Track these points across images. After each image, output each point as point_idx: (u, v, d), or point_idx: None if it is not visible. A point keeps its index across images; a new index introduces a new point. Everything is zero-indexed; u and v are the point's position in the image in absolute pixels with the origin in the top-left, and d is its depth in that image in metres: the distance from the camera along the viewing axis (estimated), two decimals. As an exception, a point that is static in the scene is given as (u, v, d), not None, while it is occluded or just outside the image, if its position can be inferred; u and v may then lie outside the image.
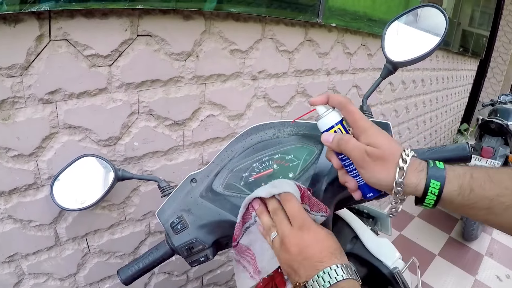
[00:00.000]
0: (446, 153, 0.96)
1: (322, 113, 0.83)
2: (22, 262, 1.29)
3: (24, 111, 1.10)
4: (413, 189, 0.74)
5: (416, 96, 3.89)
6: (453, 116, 6.35)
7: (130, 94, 1.33)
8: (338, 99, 0.81)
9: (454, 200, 0.71)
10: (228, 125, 1.74)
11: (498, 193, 0.68)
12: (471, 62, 6.18)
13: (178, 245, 1.01)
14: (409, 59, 1.08)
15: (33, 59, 1.06)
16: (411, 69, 3.52)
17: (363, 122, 0.78)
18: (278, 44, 1.79)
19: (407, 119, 3.87)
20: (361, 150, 0.76)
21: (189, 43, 1.42)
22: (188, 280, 2.00)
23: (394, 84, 3.23)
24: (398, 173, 0.73)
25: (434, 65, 4.15)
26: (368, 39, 2.50)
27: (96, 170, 1.20)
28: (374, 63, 2.68)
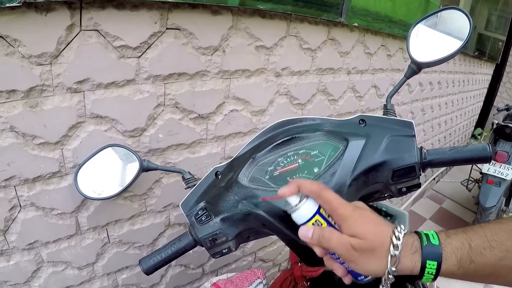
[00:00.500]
0: (467, 153, 0.96)
1: (295, 205, 0.75)
2: (41, 249, 1.30)
3: (52, 99, 1.11)
4: (408, 272, 0.69)
5: (432, 98, 3.88)
6: (468, 120, 6.31)
7: (157, 86, 1.33)
8: (309, 187, 0.75)
9: (455, 274, 0.68)
10: (250, 120, 1.75)
11: (500, 258, 0.66)
12: (487, 66, 6.15)
13: (202, 236, 1.01)
14: (433, 60, 1.08)
15: (63, 48, 1.07)
16: (429, 71, 3.50)
17: (342, 209, 0.72)
18: (302, 42, 1.79)
19: (422, 121, 3.85)
20: (346, 245, 0.70)
21: (217, 38, 1.42)
22: (203, 274, 2.01)
23: (411, 85, 3.22)
24: (391, 261, 0.68)
25: (451, 67, 4.14)
26: (388, 40, 2.49)
27: (121, 160, 1.21)
28: (393, 64, 2.68)
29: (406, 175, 0.96)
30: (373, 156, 0.97)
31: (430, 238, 0.70)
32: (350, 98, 2.36)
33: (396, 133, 1.00)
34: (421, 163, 0.96)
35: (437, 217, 4.65)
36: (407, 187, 0.99)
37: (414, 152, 0.96)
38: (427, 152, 0.98)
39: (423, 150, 0.98)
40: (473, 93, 5.81)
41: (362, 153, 0.97)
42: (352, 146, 0.98)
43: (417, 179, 0.97)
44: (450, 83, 4.31)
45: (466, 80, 5.03)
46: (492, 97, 7.26)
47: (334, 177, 0.95)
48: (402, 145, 0.98)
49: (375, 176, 0.97)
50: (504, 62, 6.96)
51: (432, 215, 4.68)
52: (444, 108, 4.47)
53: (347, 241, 0.70)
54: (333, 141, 1.04)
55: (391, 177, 0.96)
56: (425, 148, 0.98)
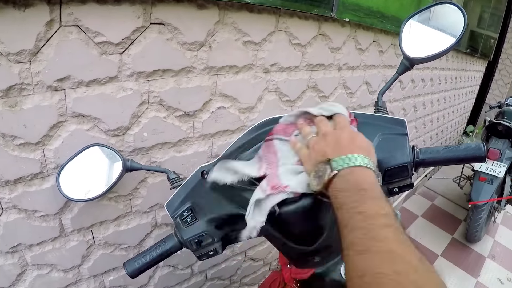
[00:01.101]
0: (461, 152, 0.93)
1: None
2: (25, 252, 1.28)
3: (32, 98, 1.08)
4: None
5: (424, 95, 3.89)
6: (460, 117, 6.34)
7: (141, 83, 1.31)
8: None
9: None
10: (238, 117, 1.72)
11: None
12: (479, 63, 6.19)
13: (187, 238, 0.99)
14: (426, 56, 1.06)
15: (42, 45, 1.04)
16: (421, 68, 3.51)
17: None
18: (291, 37, 1.77)
19: (414, 118, 3.86)
20: None
21: (202, 33, 1.39)
22: (192, 274, 2.00)
23: (403, 82, 3.22)
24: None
25: (444, 64, 4.15)
26: (380, 36, 2.48)
27: (104, 160, 1.18)
28: (385, 60, 2.66)
29: (398, 175, 0.93)
30: None
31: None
32: (341, 95, 2.34)
33: (388, 131, 0.98)
34: (413, 162, 0.93)
35: (429, 214, 4.68)
36: (399, 187, 0.96)
37: (406, 151, 0.93)
38: (419, 151, 0.95)
39: (416, 149, 0.95)
40: (465, 90, 5.84)
41: None
42: None
43: (409, 179, 0.94)
44: (443, 80, 4.32)
45: (459, 77, 5.05)
46: (484, 94, 7.31)
47: None
48: (394, 144, 0.95)
49: None
50: (496, 59, 7.02)
51: (423, 212, 4.70)
52: (436, 105, 4.49)
53: None
54: None
55: (382, 177, 0.94)
56: (418, 146, 0.95)
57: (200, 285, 2.11)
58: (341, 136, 0.84)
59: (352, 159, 0.77)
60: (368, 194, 0.72)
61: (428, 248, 3.95)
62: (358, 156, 0.78)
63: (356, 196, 0.72)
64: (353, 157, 0.78)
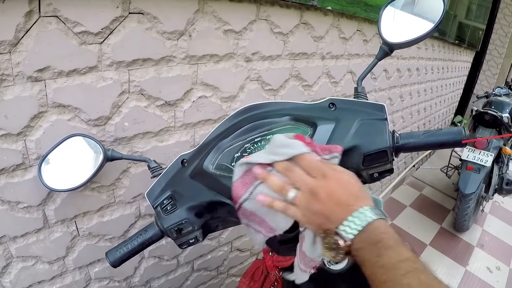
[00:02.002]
0: (441, 136, 0.94)
1: None
2: (10, 244, 1.27)
3: (12, 89, 1.08)
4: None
5: (411, 85, 3.89)
6: (447, 107, 6.36)
7: (121, 73, 1.30)
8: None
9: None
10: (220, 107, 1.72)
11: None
12: (467, 54, 6.20)
13: (167, 226, 0.99)
14: (405, 41, 1.06)
15: (22, 36, 1.04)
16: (407, 57, 3.51)
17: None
18: (273, 26, 1.77)
19: (401, 108, 3.87)
20: None
21: (182, 22, 1.39)
22: (178, 265, 2.00)
23: (389, 71, 3.22)
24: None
25: (430, 54, 4.15)
26: (364, 25, 2.47)
27: (85, 150, 1.18)
28: (370, 49, 2.66)
29: (378, 160, 0.93)
30: (342, 141, 0.94)
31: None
32: (325, 84, 2.34)
33: (367, 116, 0.98)
34: (393, 147, 0.93)
35: (417, 204, 4.71)
36: (379, 173, 0.96)
37: (385, 136, 0.93)
38: (399, 136, 0.96)
39: (396, 134, 0.95)
40: (452, 80, 5.86)
41: (331, 138, 0.95)
42: (320, 130, 0.96)
43: (390, 164, 0.95)
44: (429, 69, 4.33)
45: (446, 67, 5.07)
46: (472, 84, 7.34)
47: None
48: (373, 128, 0.95)
49: (345, 161, 0.93)
50: (484, 50, 7.06)
51: (412, 202, 4.73)
52: (423, 95, 4.49)
53: None
54: (301, 125, 1.01)
55: (362, 162, 0.94)
56: (398, 132, 0.96)
57: (187, 276, 2.11)
58: (333, 189, 0.78)
59: (362, 217, 0.74)
60: (385, 243, 0.70)
61: (417, 238, 3.97)
62: (365, 210, 0.75)
63: (374, 251, 0.70)
64: (361, 214, 0.74)
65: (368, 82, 2.88)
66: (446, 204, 4.80)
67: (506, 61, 8.79)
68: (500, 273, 3.67)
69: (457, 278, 3.51)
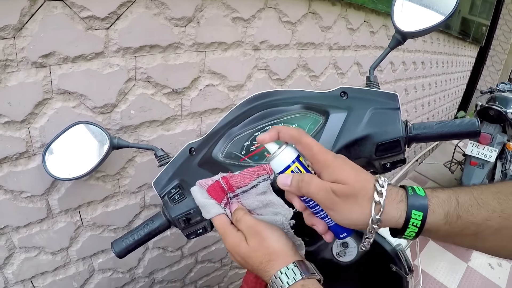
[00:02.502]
0: (454, 127, 0.92)
1: (274, 152, 0.74)
2: (13, 235, 1.26)
3: (17, 75, 1.06)
4: (393, 223, 0.66)
5: (416, 78, 3.88)
6: (451, 102, 6.36)
7: (128, 60, 1.28)
8: (289, 132, 0.73)
9: (440, 229, 0.64)
10: (227, 95, 1.70)
11: (486, 217, 0.62)
12: (471, 49, 6.21)
13: (175, 216, 0.97)
14: (418, 30, 1.04)
15: (26, 20, 1.02)
16: (412, 50, 3.50)
17: (323, 155, 0.70)
18: (281, 14, 1.75)
19: (406, 102, 3.86)
20: (327, 189, 0.67)
21: (190, 8, 1.37)
22: (182, 256, 1.99)
23: (395, 64, 3.22)
24: (375, 208, 0.65)
25: (435, 48, 4.14)
26: (371, 16, 2.46)
27: (90, 138, 1.16)
28: (377, 41, 2.65)
29: (390, 149, 0.92)
30: (355, 130, 0.93)
31: (416, 190, 0.67)
32: (332, 75, 2.33)
33: (379, 105, 0.96)
34: (406, 137, 0.92)
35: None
36: (392, 163, 0.95)
37: (398, 125, 0.92)
38: (412, 126, 0.94)
39: (408, 124, 0.94)
40: (456, 75, 5.85)
41: (343, 127, 0.94)
42: (333, 119, 0.95)
43: (402, 154, 0.94)
44: (434, 63, 4.32)
45: (450, 62, 5.06)
46: (476, 80, 7.33)
47: None
48: (386, 118, 0.94)
49: (357, 151, 0.93)
50: (488, 45, 7.06)
51: (415, 198, 4.70)
52: (428, 89, 4.49)
53: (328, 186, 0.67)
54: (313, 114, 1.00)
55: (374, 152, 0.92)
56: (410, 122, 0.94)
57: (191, 268, 2.10)
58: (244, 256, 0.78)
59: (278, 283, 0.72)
60: None
61: (419, 232, 3.97)
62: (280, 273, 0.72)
63: None
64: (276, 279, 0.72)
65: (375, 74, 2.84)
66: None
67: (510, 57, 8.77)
68: (501, 270, 3.67)
69: (458, 274, 3.51)
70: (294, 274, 0.71)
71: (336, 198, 0.66)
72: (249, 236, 0.78)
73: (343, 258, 1.07)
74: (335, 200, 0.66)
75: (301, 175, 0.71)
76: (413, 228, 0.64)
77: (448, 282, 3.35)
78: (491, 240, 0.63)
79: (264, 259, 0.75)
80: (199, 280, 2.24)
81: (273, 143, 0.75)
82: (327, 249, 1.07)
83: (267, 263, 0.74)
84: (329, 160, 0.69)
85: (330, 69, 2.29)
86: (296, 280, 0.70)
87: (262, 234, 0.77)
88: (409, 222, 0.64)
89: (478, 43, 6.31)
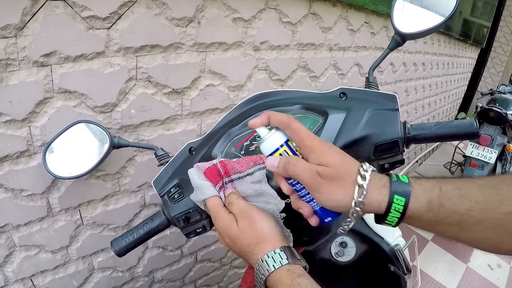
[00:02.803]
0: (453, 128, 0.93)
1: (264, 136, 0.77)
2: (13, 233, 1.26)
3: (18, 74, 1.06)
4: (375, 208, 0.67)
5: (416, 79, 3.89)
6: (451, 104, 6.36)
7: (129, 59, 1.29)
8: (279, 118, 0.75)
9: (423, 217, 0.66)
10: (228, 96, 1.71)
11: (469, 208, 0.63)
12: (472, 50, 6.21)
13: (175, 215, 0.98)
14: (417, 31, 1.05)
15: (28, 20, 1.02)
16: (413, 52, 3.51)
17: (310, 140, 0.72)
18: (282, 15, 1.76)
19: (406, 103, 3.87)
20: (312, 171, 0.69)
21: (191, 9, 1.38)
22: (182, 255, 1.99)
23: (395, 65, 3.22)
24: (358, 191, 0.66)
25: (436, 49, 4.15)
26: (372, 17, 2.47)
27: (91, 137, 1.16)
28: (377, 42, 2.66)
29: (389, 150, 0.93)
30: (354, 130, 0.93)
31: (400, 177, 0.69)
32: (332, 76, 2.33)
33: (378, 106, 0.97)
34: (404, 138, 0.93)
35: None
36: (390, 163, 0.96)
37: (397, 126, 0.93)
38: (411, 127, 0.95)
39: (407, 124, 0.95)
40: (457, 76, 5.86)
41: (342, 127, 0.94)
42: (331, 119, 0.95)
43: (401, 154, 0.94)
44: (435, 65, 4.33)
45: (451, 63, 5.06)
46: (476, 81, 7.33)
47: None
48: (384, 119, 0.94)
49: (356, 151, 0.93)
50: (489, 47, 7.04)
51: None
52: (428, 90, 4.49)
53: (313, 168, 0.69)
54: (312, 114, 1.00)
55: (373, 153, 0.93)
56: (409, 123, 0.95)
57: (190, 267, 2.11)
58: (233, 238, 0.81)
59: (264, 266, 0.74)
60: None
61: (419, 233, 3.96)
62: (267, 257, 0.75)
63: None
64: (263, 263, 0.75)
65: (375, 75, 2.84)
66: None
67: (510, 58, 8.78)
68: (501, 271, 3.66)
69: (458, 274, 3.51)
70: (280, 258, 0.74)
71: (321, 180, 0.68)
72: (240, 219, 0.81)
73: (342, 258, 1.07)
74: (319, 181, 0.68)
75: (288, 158, 0.74)
76: (395, 213, 0.65)
77: (448, 283, 3.34)
78: (474, 230, 0.64)
79: (252, 242, 0.78)
80: (199, 280, 2.24)
81: (264, 128, 0.77)
82: (326, 249, 1.07)
83: (255, 245, 0.77)
84: (315, 145, 0.71)
85: (330, 69, 2.29)
86: (282, 264, 0.73)
87: (252, 217, 0.81)
88: (391, 207, 0.65)
89: (479, 45, 6.31)
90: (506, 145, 4.04)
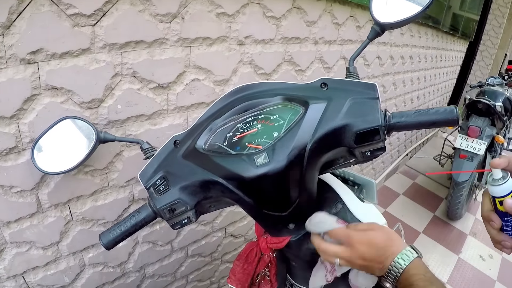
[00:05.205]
0: (433, 115, 0.94)
1: (499, 178, 0.85)
2: (3, 230, 1.27)
3: (5, 71, 1.07)
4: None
5: (404, 72, 3.90)
6: (441, 97, 6.37)
7: (114, 55, 1.30)
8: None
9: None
10: (213, 90, 1.72)
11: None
12: (461, 43, 6.22)
13: (160, 206, 1.00)
14: (396, 21, 1.06)
15: (15, 18, 1.03)
16: (400, 45, 3.52)
17: None
18: (265, 9, 1.77)
19: (394, 96, 3.88)
20: None
21: (175, 5, 1.39)
22: (172, 250, 2.00)
23: (382, 58, 3.23)
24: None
25: (423, 42, 4.16)
26: (357, 11, 2.48)
27: (78, 132, 1.18)
28: (363, 35, 2.66)
29: (370, 138, 0.94)
30: (334, 119, 0.95)
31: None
32: (318, 69, 2.35)
33: (359, 95, 0.98)
34: (385, 125, 0.94)
35: (410, 192, 4.74)
36: (371, 151, 0.98)
37: (377, 114, 0.94)
38: (391, 115, 0.97)
39: (387, 113, 0.96)
40: (446, 69, 5.87)
41: (323, 116, 0.96)
42: (312, 109, 0.97)
43: (382, 142, 0.96)
44: (423, 58, 4.34)
45: (439, 56, 5.08)
46: (466, 74, 7.35)
47: (293, 141, 0.93)
48: (365, 107, 0.96)
49: (338, 140, 0.95)
50: (477, 40, 7.06)
51: (405, 191, 4.76)
52: (417, 83, 4.51)
53: None
54: (294, 105, 1.02)
55: (354, 141, 0.94)
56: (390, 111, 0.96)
57: (181, 262, 2.11)
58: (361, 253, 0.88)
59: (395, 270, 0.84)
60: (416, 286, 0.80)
61: (410, 226, 3.99)
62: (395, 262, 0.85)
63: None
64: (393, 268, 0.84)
65: (362, 69, 2.90)
66: (439, 192, 4.83)
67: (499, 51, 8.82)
68: (492, 261, 3.68)
69: (450, 265, 3.53)
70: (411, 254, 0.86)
71: None
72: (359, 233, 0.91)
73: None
74: None
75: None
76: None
77: (440, 274, 3.36)
78: None
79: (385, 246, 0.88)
80: (190, 275, 2.25)
81: (499, 170, 0.86)
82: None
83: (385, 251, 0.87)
84: None
85: (316, 63, 2.30)
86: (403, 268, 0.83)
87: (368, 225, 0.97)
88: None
89: (467, 38, 6.33)
90: (495, 137, 4.05)
